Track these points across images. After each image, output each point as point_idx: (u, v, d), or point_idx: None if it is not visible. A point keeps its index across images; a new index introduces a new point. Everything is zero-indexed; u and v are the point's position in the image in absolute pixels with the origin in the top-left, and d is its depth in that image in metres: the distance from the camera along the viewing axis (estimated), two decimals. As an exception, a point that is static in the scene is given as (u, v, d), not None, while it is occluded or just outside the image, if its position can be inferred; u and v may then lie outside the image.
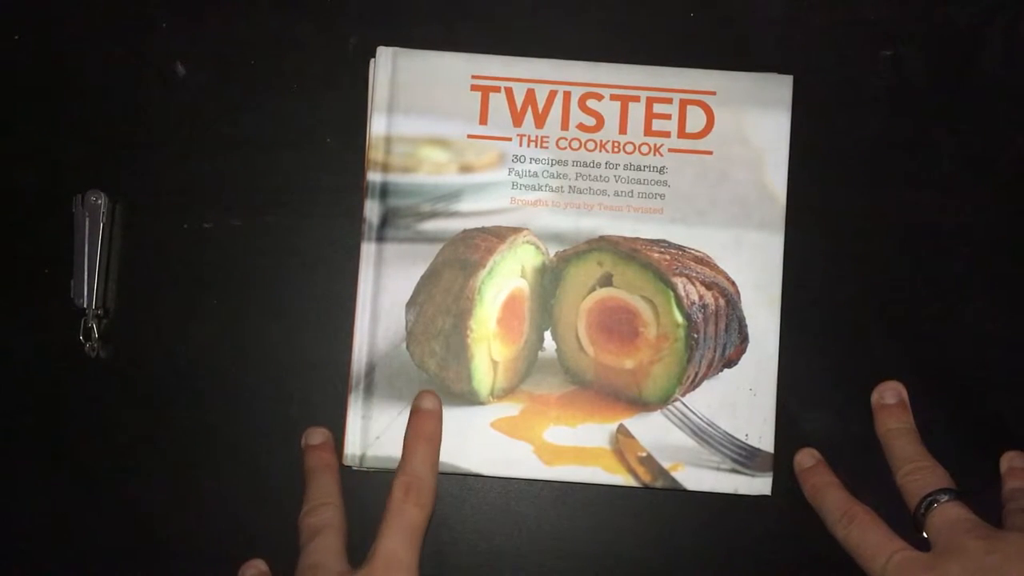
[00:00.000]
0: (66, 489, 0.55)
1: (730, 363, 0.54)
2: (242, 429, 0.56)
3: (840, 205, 0.56)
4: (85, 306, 0.55)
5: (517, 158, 0.54)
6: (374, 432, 0.53)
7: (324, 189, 0.57)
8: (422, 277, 0.53)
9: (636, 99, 0.54)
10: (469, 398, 0.54)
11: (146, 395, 0.56)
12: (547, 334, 0.54)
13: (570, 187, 0.54)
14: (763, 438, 0.53)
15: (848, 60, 0.57)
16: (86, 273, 0.55)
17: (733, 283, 0.54)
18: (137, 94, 0.57)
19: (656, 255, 0.53)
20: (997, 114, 0.57)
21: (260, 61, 0.57)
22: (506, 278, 0.53)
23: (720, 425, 0.53)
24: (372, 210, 0.54)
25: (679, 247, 0.53)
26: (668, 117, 0.54)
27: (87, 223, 0.55)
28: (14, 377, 0.56)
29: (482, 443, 0.53)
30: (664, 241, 0.54)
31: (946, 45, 0.57)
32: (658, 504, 0.55)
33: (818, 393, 0.55)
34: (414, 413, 0.52)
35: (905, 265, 0.56)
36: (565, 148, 0.54)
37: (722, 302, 0.53)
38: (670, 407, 0.53)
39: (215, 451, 0.56)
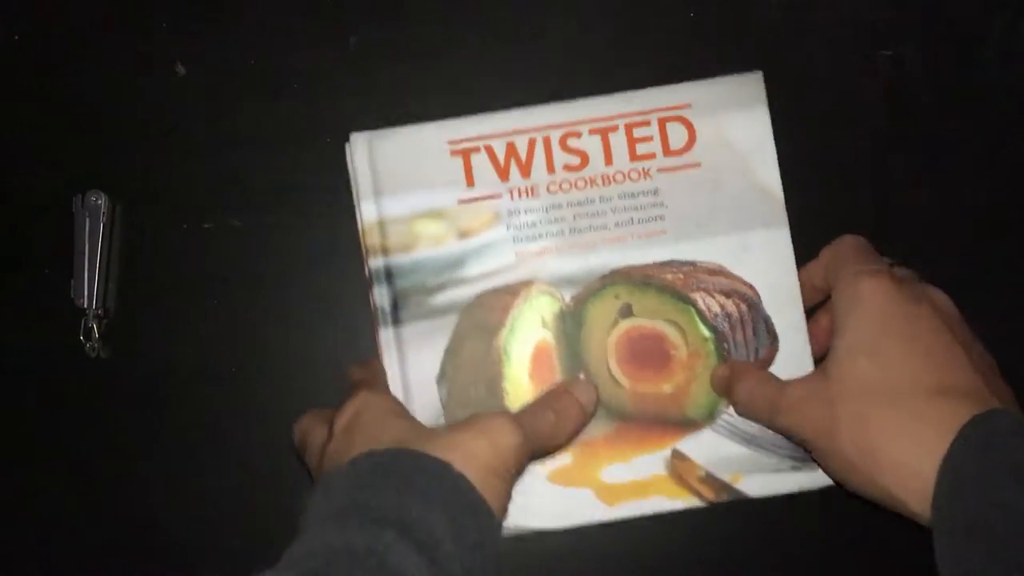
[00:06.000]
0: (66, 489, 0.53)
1: (765, 365, 0.51)
2: (242, 429, 0.53)
3: (840, 193, 0.54)
4: (85, 306, 0.52)
5: (512, 212, 0.51)
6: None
7: (324, 189, 0.54)
8: (446, 351, 0.51)
9: (614, 128, 0.52)
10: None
11: (146, 395, 0.53)
12: (580, 377, 0.52)
13: (570, 229, 0.51)
14: None
15: (848, 60, 0.55)
16: (86, 273, 0.52)
17: (751, 286, 0.51)
18: (137, 94, 0.55)
19: (670, 276, 0.51)
20: (997, 114, 0.55)
21: (260, 61, 0.55)
22: (528, 332, 0.51)
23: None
24: (382, 296, 0.51)
25: (690, 263, 0.51)
26: (650, 139, 0.52)
27: (87, 223, 0.52)
28: (14, 377, 0.53)
29: (542, 498, 0.50)
30: (674, 261, 0.51)
31: (946, 45, 0.55)
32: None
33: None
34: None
35: (904, 263, 0.57)
36: (556, 192, 0.51)
37: (744, 307, 0.51)
38: (718, 421, 0.51)
39: (215, 451, 0.53)
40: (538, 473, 0.51)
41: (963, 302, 0.54)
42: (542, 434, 0.45)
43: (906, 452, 0.42)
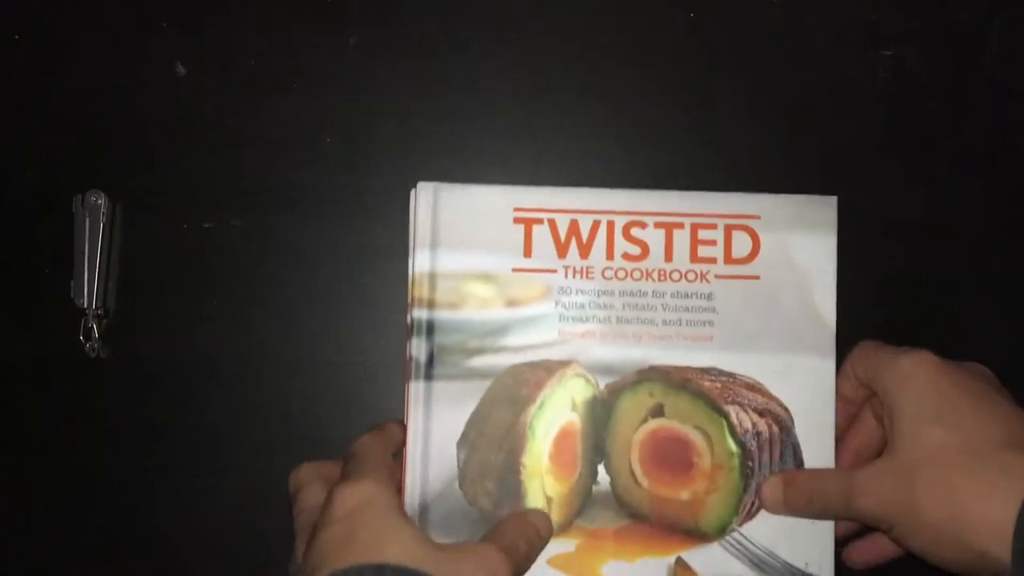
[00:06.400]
0: (66, 489, 0.53)
1: None
2: (242, 429, 0.53)
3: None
4: (85, 306, 0.52)
5: (563, 290, 0.51)
6: (434, 573, 0.49)
7: (324, 188, 0.54)
8: (472, 414, 0.50)
9: (680, 226, 0.51)
10: (524, 536, 0.50)
11: (146, 395, 0.53)
12: (600, 467, 0.51)
13: (617, 317, 0.51)
14: (823, 566, 0.49)
15: (848, 60, 0.56)
16: (86, 273, 0.52)
17: (786, 409, 0.51)
18: (137, 94, 0.54)
19: (707, 384, 0.50)
20: (997, 114, 0.55)
21: (260, 61, 0.55)
22: (557, 412, 0.50)
23: (779, 554, 0.50)
24: (419, 348, 0.50)
25: (730, 374, 0.51)
26: (713, 243, 0.51)
27: (87, 223, 0.52)
28: (14, 377, 0.53)
29: None
30: (715, 369, 0.51)
31: (946, 45, 0.55)
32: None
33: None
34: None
35: (903, 265, 0.55)
36: (611, 278, 0.51)
37: (776, 429, 0.50)
38: (728, 537, 0.50)
39: (215, 451, 0.53)
40: (539, 557, 0.50)
41: (963, 303, 0.54)
42: (518, 566, 0.45)
43: (993, 504, 0.41)
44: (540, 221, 0.51)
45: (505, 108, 0.55)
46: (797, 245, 0.51)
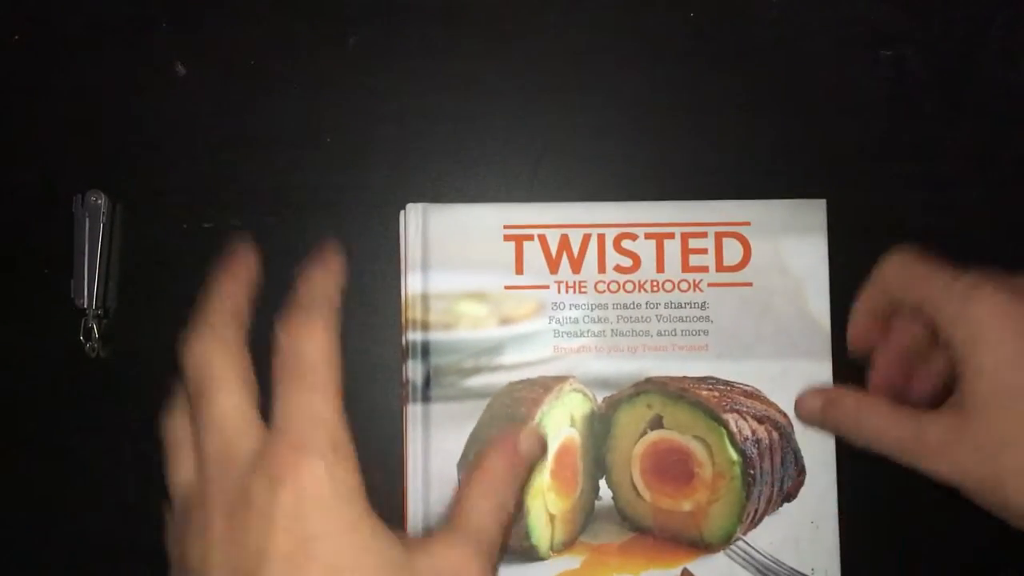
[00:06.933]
0: (66, 489, 0.54)
1: (789, 497, 0.50)
2: None
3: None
4: (85, 306, 0.51)
5: (556, 305, 0.51)
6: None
7: (324, 188, 0.54)
8: (471, 435, 0.50)
9: (671, 236, 0.51)
10: (529, 554, 0.50)
11: (146, 395, 0.54)
12: (602, 482, 0.51)
13: (612, 331, 0.51)
14: (829, 572, 0.50)
15: (848, 60, 0.56)
16: (86, 273, 0.52)
17: (785, 415, 0.51)
18: (137, 94, 0.54)
19: (705, 393, 0.51)
20: (997, 114, 0.55)
21: (260, 61, 0.54)
22: (556, 429, 0.50)
23: (785, 562, 0.50)
24: (415, 371, 0.50)
25: (727, 383, 0.51)
26: (704, 252, 0.51)
27: (87, 223, 0.51)
28: (14, 377, 0.53)
29: None
30: (712, 378, 0.51)
31: (946, 45, 0.55)
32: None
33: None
34: None
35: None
36: (604, 291, 0.51)
37: (776, 435, 0.51)
38: (732, 547, 0.50)
39: None
40: (544, 575, 0.51)
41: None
42: (494, 543, 0.38)
43: None
44: (531, 237, 0.51)
45: (505, 108, 0.55)
46: (788, 250, 0.52)
